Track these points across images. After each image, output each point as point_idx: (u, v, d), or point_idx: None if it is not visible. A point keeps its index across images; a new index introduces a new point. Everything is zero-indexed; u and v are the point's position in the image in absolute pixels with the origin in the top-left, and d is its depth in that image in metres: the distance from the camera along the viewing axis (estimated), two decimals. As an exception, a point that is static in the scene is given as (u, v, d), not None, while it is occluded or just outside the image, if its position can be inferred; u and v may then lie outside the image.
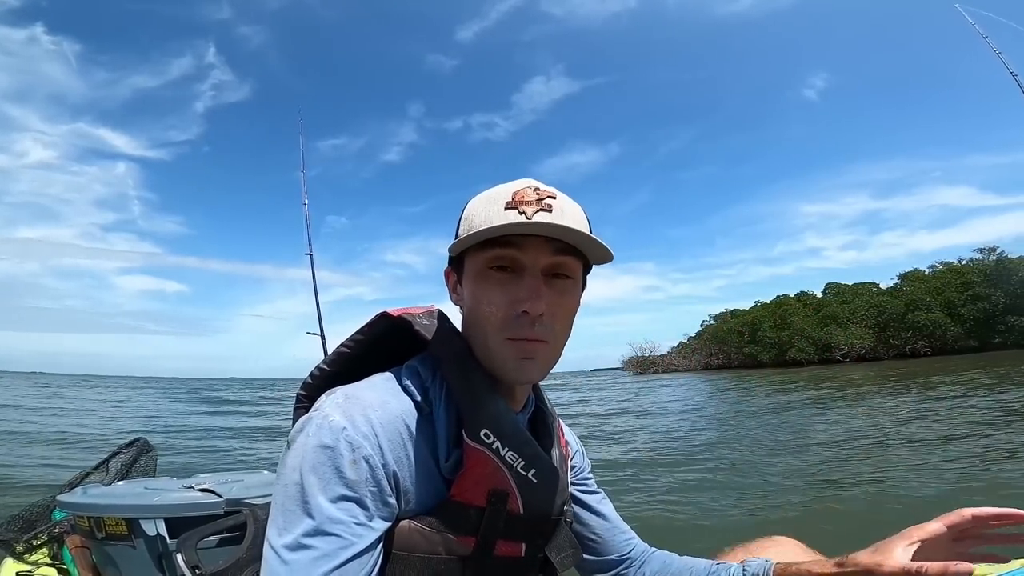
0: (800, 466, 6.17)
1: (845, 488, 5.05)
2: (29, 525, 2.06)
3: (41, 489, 4.27)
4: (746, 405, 13.92)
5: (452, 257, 0.85)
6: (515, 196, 0.77)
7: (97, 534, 1.52)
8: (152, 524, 1.43)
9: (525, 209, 0.75)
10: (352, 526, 0.66)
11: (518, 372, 0.78)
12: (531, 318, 0.75)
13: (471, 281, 0.80)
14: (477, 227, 0.75)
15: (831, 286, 48.91)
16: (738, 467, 6.42)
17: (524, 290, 0.75)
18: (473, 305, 0.80)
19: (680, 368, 52.48)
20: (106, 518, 1.49)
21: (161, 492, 1.54)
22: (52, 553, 1.93)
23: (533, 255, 0.76)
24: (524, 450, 0.79)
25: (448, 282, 0.88)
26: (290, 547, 0.64)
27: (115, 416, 16.03)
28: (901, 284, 43.59)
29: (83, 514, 1.56)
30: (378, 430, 0.71)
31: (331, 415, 0.71)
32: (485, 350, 0.79)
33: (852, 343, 40.58)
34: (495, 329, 0.77)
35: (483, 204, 0.80)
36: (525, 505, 0.80)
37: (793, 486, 5.26)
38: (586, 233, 0.74)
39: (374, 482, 0.69)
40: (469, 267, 0.80)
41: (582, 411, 15.12)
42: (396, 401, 0.76)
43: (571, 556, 0.92)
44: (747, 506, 4.75)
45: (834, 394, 14.53)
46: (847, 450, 6.89)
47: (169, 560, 1.42)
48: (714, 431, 9.80)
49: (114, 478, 2.06)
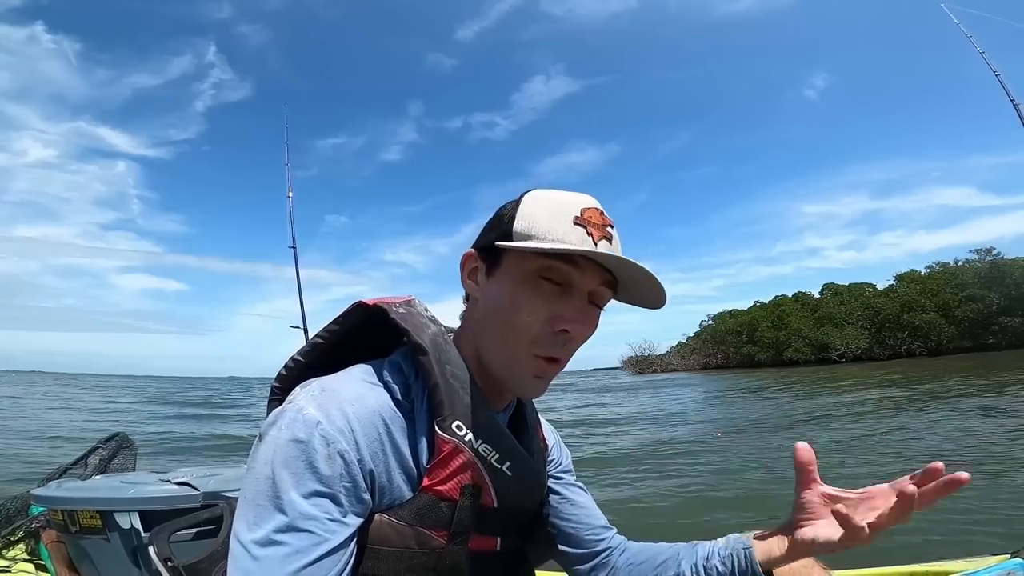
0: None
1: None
2: (6, 521, 2.03)
3: (18, 485, 4.23)
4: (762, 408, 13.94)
5: (487, 247, 0.79)
6: (583, 213, 0.75)
7: (71, 528, 1.48)
8: (127, 517, 1.40)
9: (592, 232, 0.73)
10: (325, 522, 0.64)
11: (529, 388, 0.78)
12: (565, 337, 0.74)
13: (512, 282, 0.75)
14: (542, 234, 0.73)
15: (828, 287, 49.36)
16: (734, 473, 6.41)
17: (570, 310, 0.73)
18: (506, 306, 0.75)
19: (679, 368, 52.80)
20: (80, 511, 1.46)
21: (136, 486, 1.51)
22: (29, 548, 1.90)
23: (587, 278, 0.74)
24: (499, 443, 0.77)
25: (466, 265, 0.82)
26: (260, 543, 0.62)
27: (100, 412, 15.97)
28: (897, 285, 43.94)
29: (57, 508, 1.52)
30: (354, 425, 0.69)
31: (305, 408, 0.68)
32: (502, 355, 0.77)
33: (848, 343, 40.88)
34: (527, 341, 0.74)
35: (548, 209, 0.75)
36: (499, 499, 0.77)
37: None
38: (651, 272, 0.73)
39: (349, 478, 0.67)
40: (513, 266, 0.76)
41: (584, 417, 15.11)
42: (374, 396, 0.73)
43: (547, 550, 0.90)
44: (745, 511, 4.73)
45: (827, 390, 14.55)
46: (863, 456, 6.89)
47: (144, 553, 1.38)
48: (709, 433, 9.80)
49: (92, 472, 2.02)
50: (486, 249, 0.79)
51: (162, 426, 12.92)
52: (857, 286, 47.18)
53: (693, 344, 56.69)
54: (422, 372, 0.76)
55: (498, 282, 0.77)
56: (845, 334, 41.42)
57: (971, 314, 37.05)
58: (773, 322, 46.21)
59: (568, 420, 12.85)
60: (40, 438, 9.45)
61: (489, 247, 0.78)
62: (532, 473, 0.83)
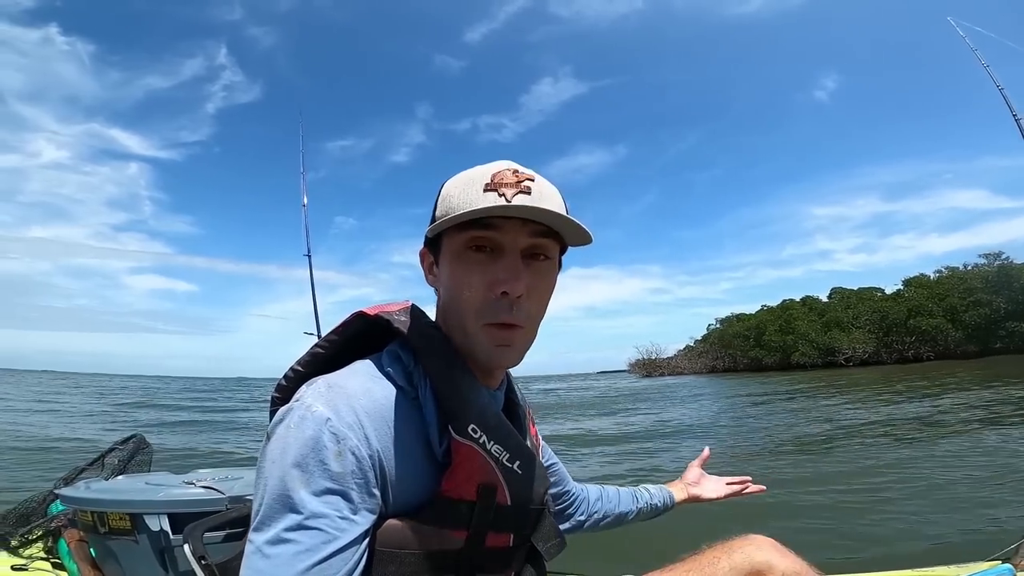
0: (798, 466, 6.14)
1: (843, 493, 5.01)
2: (24, 519, 2.04)
3: (29, 486, 4.25)
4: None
5: (429, 238, 0.84)
6: (494, 178, 0.77)
7: (100, 528, 1.49)
8: (156, 519, 1.41)
9: (505, 191, 0.75)
10: (336, 520, 0.64)
11: (495, 358, 0.79)
12: (509, 300, 0.75)
13: (449, 262, 0.79)
14: (456, 209, 0.75)
15: (836, 291, 49.08)
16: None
17: (503, 271, 0.75)
18: (451, 286, 0.79)
19: (686, 371, 52.49)
20: (110, 513, 1.47)
21: (164, 488, 1.52)
22: (47, 547, 1.90)
23: (512, 237, 0.76)
24: (508, 442, 0.79)
25: (423, 263, 0.87)
26: (272, 542, 0.63)
27: (106, 414, 16.02)
28: (904, 290, 43.69)
29: (87, 508, 1.52)
30: (364, 419, 0.69)
31: (314, 405, 0.69)
32: (463, 334, 0.79)
33: (855, 347, 40.66)
34: (473, 314, 0.77)
35: (461, 185, 0.79)
36: (512, 496, 0.80)
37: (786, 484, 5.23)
38: (563, 215, 0.75)
39: (360, 474, 0.67)
40: (447, 248, 0.79)
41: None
42: (380, 388, 0.75)
43: (556, 545, 0.92)
44: (731, 507, 4.73)
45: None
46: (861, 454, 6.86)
47: (171, 555, 1.40)
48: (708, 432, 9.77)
49: (111, 474, 2.02)
50: (430, 242, 0.84)
51: (174, 428, 12.94)
52: (865, 290, 46.95)
53: (700, 347, 56.36)
54: (431, 380, 0.76)
55: (443, 268, 0.81)
56: (852, 338, 41.20)
57: (978, 319, 36.78)
58: (780, 326, 45.95)
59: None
60: (34, 439, 9.48)
61: (431, 239, 0.83)
62: (537, 468, 0.86)
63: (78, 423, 12.73)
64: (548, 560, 0.92)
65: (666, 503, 1.44)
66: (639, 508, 1.39)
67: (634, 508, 1.38)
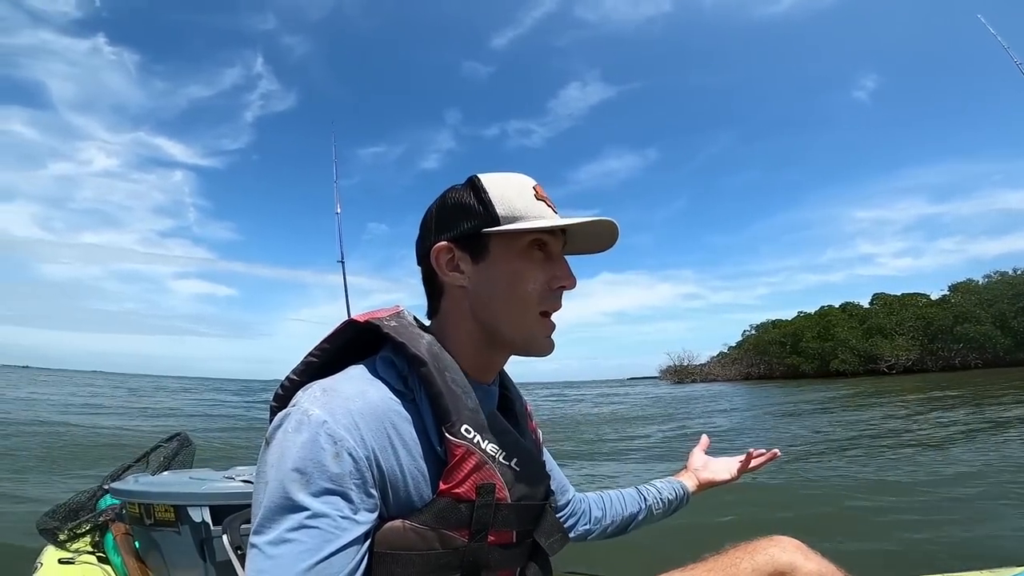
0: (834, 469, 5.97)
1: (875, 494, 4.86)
2: (72, 514, 2.09)
3: (76, 484, 4.39)
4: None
5: (460, 236, 0.84)
6: (537, 191, 0.86)
7: (146, 520, 1.54)
8: (199, 511, 1.45)
9: (550, 204, 0.86)
10: (337, 519, 0.66)
11: (546, 347, 0.87)
12: (561, 292, 0.87)
13: (510, 260, 0.83)
14: (524, 213, 0.83)
15: (878, 297, 47.82)
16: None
17: (561, 270, 0.86)
18: (510, 282, 0.83)
19: (719, 378, 51.77)
20: (156, 505, 1.52)
21: (207, 482, 1.56)
22: (94, 541, 1.95)
23: (558, 241, 0.87)
24: (504, 440, 0.82)
25: (441, 259, 0.85)
26: (274, 542, 0.64)
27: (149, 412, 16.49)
28: (951, 295, 42.28)
29: (135, 501, 1.58)
30: (359, 421, 0.71)
31: (310, 409, 0.71)
32: (519, 327, 0.84)
33: (898, 355, 39.43)
34: (534, 304, 0.84)
35: (517, 189, 0.85)
36: (512, 493, 0.81)
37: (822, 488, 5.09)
38: (607, 221, 0.85)
39: (358, 475, 0.69)
40: (503, 247, 0.84)
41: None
42: (375, 390, 0.76)
43: (559, 540, 0.92)
44: (754, 507, 4.63)
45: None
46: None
47: (210, 545, 1.43)
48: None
49: (157, 470, 2.08)
50: (466, 238, 0.84)
51: (214, 427, 13.24)
52: (908, 296, 45.50)
53: (735, 354, 55.57)
54: (423, 383, 0.78)
55: (493, 265, 0.84)
56: (895, 345, 40.02)
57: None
58: (819, 332, 44.96)
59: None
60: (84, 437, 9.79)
61: (471, 235, 0.83)
62: (536, 464, 0.88)
63: (126, 421, 13.12)
64: (552, 555, 0.92)
65: (679, 495, 1.36)
66: (648, 506, 1.32)
67: (643, 507, 1.31)
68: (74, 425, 11.15)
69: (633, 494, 1.33)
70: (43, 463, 6.94)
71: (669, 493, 1.35)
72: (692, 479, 1.42)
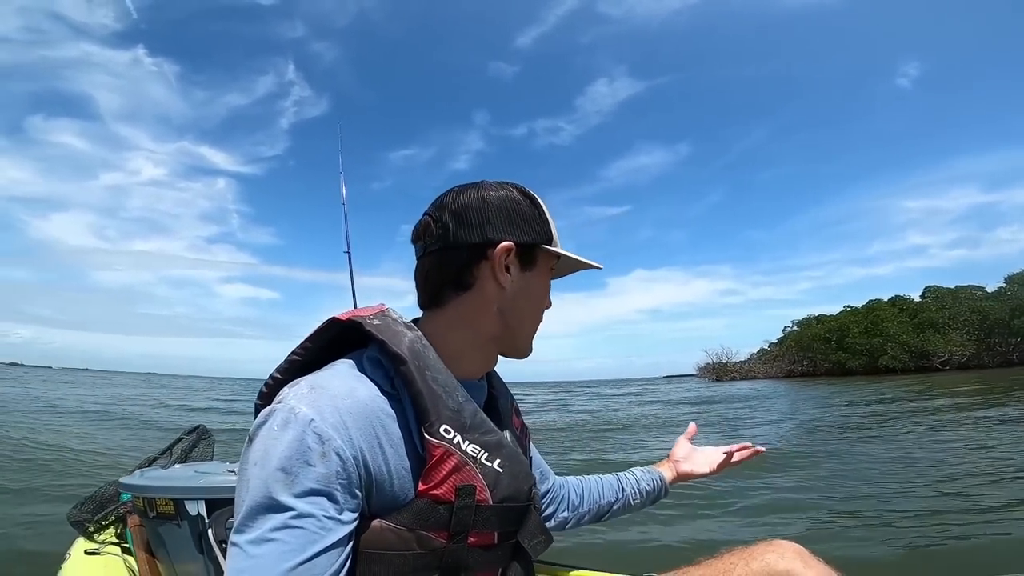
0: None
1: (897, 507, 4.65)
2: (100, 506, 2.16)
3: (114, 472, 4.55)
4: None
5: (527, 243, 0.87)
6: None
7: (149, 513, 1.57)
8: (195, 504, 1.46)
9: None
10: (322, 520, 0.65)
11: (529, 352, 0.94)
12: None
13: (543, 275, 0.91)
14: (556, 234, 0.91)
15: (930, 290, 45.84)
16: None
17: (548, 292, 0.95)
18: (540, 295, 0.91)
19: (760, 375, 50.50)
20: (157, 499, 1.55)
21: (207, 475, 1.58)
22: (118, 532, 2.01)
23: None
24: (487, 440, 0.80)
25: (503, 257, 0.85)
26: (255, 542, 0.62)
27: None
28: (1007, 287, 40.38)
29: (139, 495, 1.62)
30: (348, 420, 0.70)
31: (297, 407, 0.69)
32: (529, 334, 0.92)
33: (951, 350, 37.85)
34: (540, 318, 0.93)
35: (549, 212, 0.92)
36: (493, 495, 0.79)
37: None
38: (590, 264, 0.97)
39: (345, 475, 0.68)
40: (544, 262, 0.90)
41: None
42: (364, 388, 0.75)
43: (543, 542, 0.90)
44: (756, 513, 4.55)
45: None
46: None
47: (207, 539, 1.44)
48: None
49: (175, 462, 2.13)
50: (527, 246, 0.87)
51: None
52: (962, 289, 43.50)
53: (776, 351, 54.12)
54: (404, 381, 0.77)
55: (535, 276, 0.89)
56: (948, 340, 38.38)
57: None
58: (866, 328, 43.43)
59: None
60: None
61: (531, 245, 0.87)
62: (520, 465, 0.85)
63: (177, 418, 13.64)
64: (535, 557, 0.91)
65: (656, 486, 1.37)
66: (626, 496, 1.33)
67: (620, 497, 1.33)
68: (132, 418, 11.61)
69: (612, 482, 1.35)
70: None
71: (647, 484, 1.36)
72: (671, 470, 1.41)
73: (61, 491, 5.05)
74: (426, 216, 0.88)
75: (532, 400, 27.73)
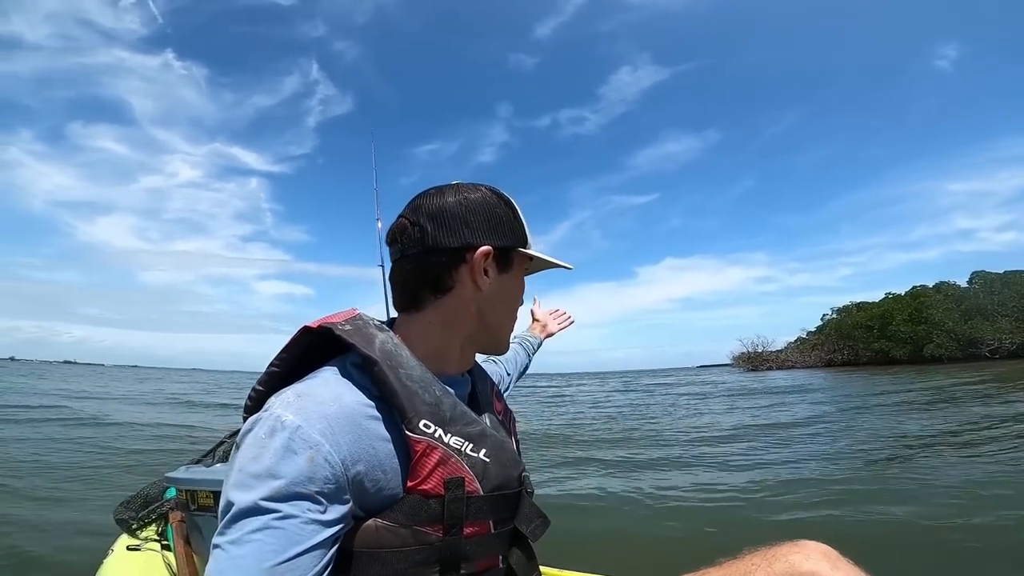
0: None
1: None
2: (144, 504, 2.22)
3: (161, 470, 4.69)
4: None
5: (504, 246, 0.89)
6: None
7: (191, 505, 1.66)
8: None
9: None
10: (304, 522, 0.66)
11: (508, 346, 0.99)
12: None
13: (518, 277, 0.94)
14: (529, 239, 0.94)
15: (978, 275, 44.04)
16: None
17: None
18: (515, 295, 0.95)
19: (797, 364, 49.11)
20: (199, 491, 1.63)
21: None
22: (159, 529, 2.07)
23: None
24: (469, 431, 0.81)
25: (481, 261, 0.87)
26: (236, 542, 0.64)
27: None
28: (1061, 271, 38.37)
29: (183, 488, 1.71)
30: (335, 425, 0.71)
31: (283, 415, 0.71)
32: (507, 333, 0.96)
33: (1001, 338, 36.44)
34: (515, 316, 0.97)
35: (520, 216, 0.94)
36: (484, 484, 0.80)
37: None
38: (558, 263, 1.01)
39: (332, 480, 0.69)
40: (518, 264, 0.93)
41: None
42: (350, 394, 0.77)
43: (540, 526, 0.90)
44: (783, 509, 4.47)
45: None
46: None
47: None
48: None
49: (218, 461, 2.18)
50: (504, 249, 0.89)
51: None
52: (1012, 274, 41.51)
53: (815, 339, 52.51)
54: (377, 382, 0.78)
55: (511, 277, 0.92)
56: (997, 328, 36.90)
57: None
58: (910, 315, 41.92)
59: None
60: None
61: (508, 248, 0.90)
62: (507, 452, 0.86)
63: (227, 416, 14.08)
64: (533, 541, 0.91)
65: (537, 345, 1.80)
66: (529, 357, 1.74)
67: (527, 359, 1.73)
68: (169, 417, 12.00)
69: (519, 349, 1.71)
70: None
71: (536, 343, 1.79)
72: (543, 331, 1.86)
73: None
74: (402, 218, 0.89)
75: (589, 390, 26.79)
